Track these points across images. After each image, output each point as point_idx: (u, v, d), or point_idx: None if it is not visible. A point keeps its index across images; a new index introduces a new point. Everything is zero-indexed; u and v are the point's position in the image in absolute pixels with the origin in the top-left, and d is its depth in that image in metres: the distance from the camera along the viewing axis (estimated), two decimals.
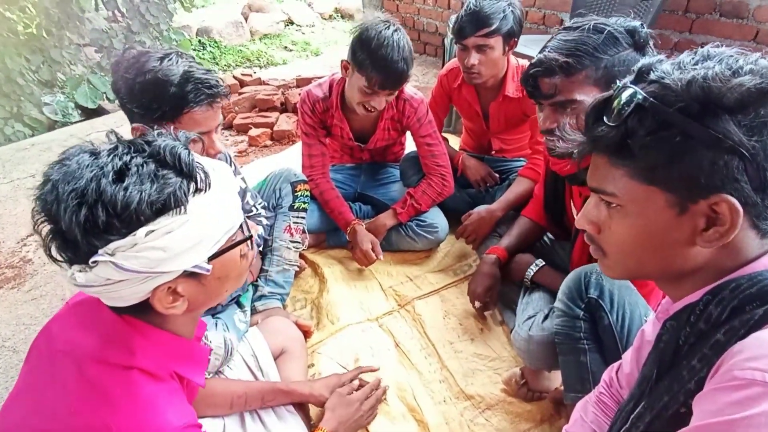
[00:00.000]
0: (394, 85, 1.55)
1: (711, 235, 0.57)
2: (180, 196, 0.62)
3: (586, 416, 0.93)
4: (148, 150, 0.63)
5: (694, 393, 0.59)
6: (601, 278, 1.12)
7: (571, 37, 1.07)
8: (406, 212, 1.82)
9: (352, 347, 1.50)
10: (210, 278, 0.69)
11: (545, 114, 1.14)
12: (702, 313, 0.60)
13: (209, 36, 5.88)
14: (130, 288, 0.63)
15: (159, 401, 0.67)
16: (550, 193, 1.48)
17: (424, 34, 4.19)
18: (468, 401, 1.37)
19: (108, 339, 0.69)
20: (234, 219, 0.70)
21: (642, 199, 0.60)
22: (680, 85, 0.54)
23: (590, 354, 1.12)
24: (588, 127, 0.64)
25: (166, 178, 0.61)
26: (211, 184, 0.66)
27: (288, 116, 3.01)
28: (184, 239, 0.62)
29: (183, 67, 1.12)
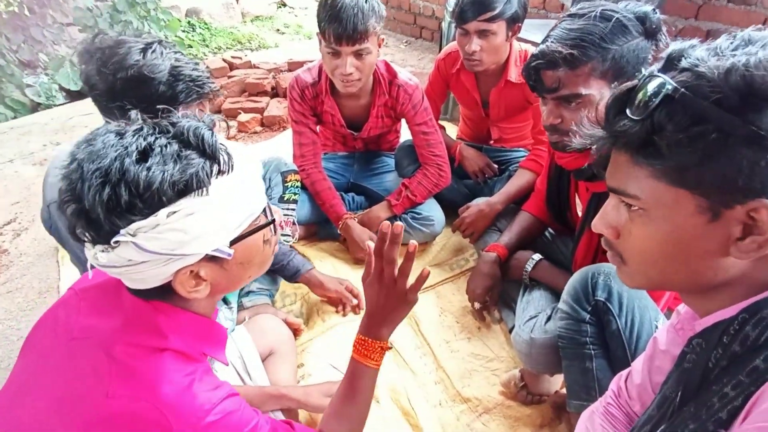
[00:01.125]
0: (349, 38, 1.44)
1: (748, 245, 0.50)
2: (202, 177, 0.61)
3: (592, 428, 0.87)
4: (173, 131, 0.63)
5: (726, 423, 0.52)
6: (610, 279, 1.05)
7: (575, 26, 1.00)
8: (401, 204, 1.75)
9: (343, 346, 1.43)
10: (232, 263, 0.68)
11: (548, 108, 1.09)
12: (737, 333, 0.53)
13: (199, 17, 5.70)
14: (152, 269, 0.62)
15: (197, 380, 0.67)
16: (554, 187, 1.41)
17: (420, 18, 4.07)
18: (465, 404, 1.31)
19: (135, 323, 0.68)
20: (257, 203, 0.69)
21: (669, 202, 0.53)
22: (717, 73, 0.47)
23: (596, 360, 1.06)
24: (608, 120, 0.56)
25: (189, 158, 0.61)
26: (234, 166, 0.65)
27: (279, 101, 2.91)
28: (205, 222, 0.62)
29: (169, 60, 1.03)
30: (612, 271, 1.07)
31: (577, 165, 1.18)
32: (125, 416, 0.63)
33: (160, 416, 0.62)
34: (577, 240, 1.28)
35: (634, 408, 0.84)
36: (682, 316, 0.72)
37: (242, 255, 0.68)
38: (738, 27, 2.38)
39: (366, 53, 1.49)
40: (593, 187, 1.20)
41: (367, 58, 1.51)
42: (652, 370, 0.80)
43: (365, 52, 1.49)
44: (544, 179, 1.48)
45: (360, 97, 1.70)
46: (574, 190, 1.36)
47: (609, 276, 1.06)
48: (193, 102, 1.06)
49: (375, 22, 1.46)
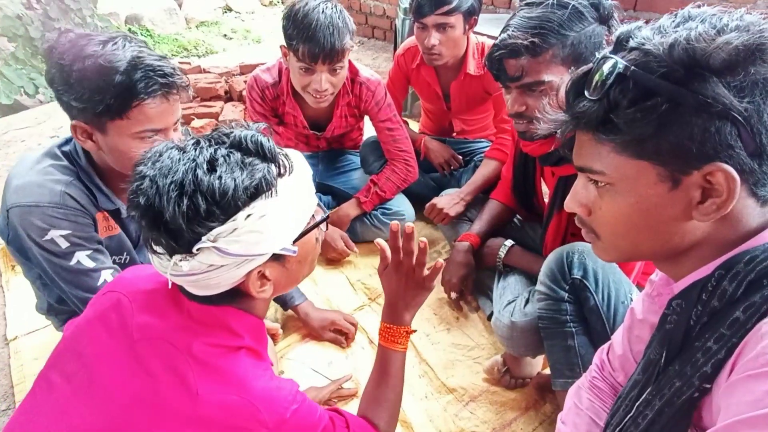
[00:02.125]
0: (326, 56, 1.42)
1: (708, 207, 0.54)
2: (270, 180, 0.64)
3: (580, 403, 0.89)
4: (228, 141, 0.65)
5: (711, 377, 0.55)
6: (584, 257, 1.08)
7: (534, 14, 1.02)
8: (370, 201, 1.73)
9: (324, 350, 1.41)
10: (293, 261, 0.72)
11: (513, 97, 1.10)
12: (715, 289, 0.56)
13: (140, 24, 5.47)
14: (228, 272, 0.65)
15: (274, 377, 0.71)
16: (520, 175, 1.43)
17: (371, 18, 4.08)
18: (450, 395, 1.31)
19: (204, 324, 0.70)
20: (312, 199, 0.73)
21: (632, 175, 0.56)
22: (662, 49, 0.50)
23: (577, 337, 1.08)
24: (569, 104, 0.60)
25: (253, 164, 0.63)
26: (293, 166, 0.68)
27: (234, 105, 2.82)
28: (276, 221, 0.65)
29: (131, 52, 0.95)
30: (586, 249, 1.09)
31: (542, 151, 1.21)
32: (218, 412, 0.65)
33: (253, 409, 0.66)
34: (546, 224, 1.30)
35: (618, 379, 0.86)
36: (657, 282, 0.74)
37: (301, 252, 0.72)
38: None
39: (340, 68, 1.48)
40: (559, 171, 1.22)
41: (341, 73, 1.50)
42: (632, 340, 0.82)
43: (339, 67, 1.47)
44: (510, 167, 1.50)
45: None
46: (540, 175, 1.39)
47: (583, 254, 1.08)
48: (157, 94, 0.97)
49: (349, 38, 1.44)
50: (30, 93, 3.65)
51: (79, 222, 1.03)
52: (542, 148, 1.19)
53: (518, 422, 1.24)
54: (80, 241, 1.03)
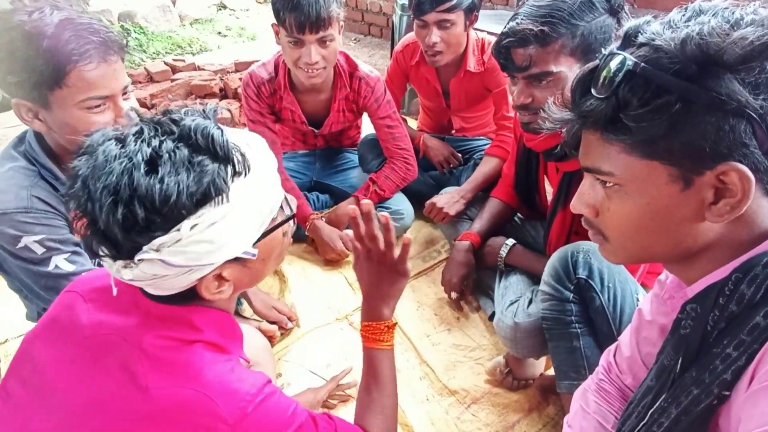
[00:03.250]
0: (312, 25, 1.38)
1: (721, 208, 0.52)
2: (220, 184, 0.57)
3: (587, 406, 0.87)
4: (177, 131, 0.58)
5: (730, 384, 0.53)
6: (589, 257, 1.06)
7: (544, 3, 1.01)
8: (369, 199, 1.70)
9: (323, 351, 1.38)
10: (255, 261, 0.66)
11: (519, 88, 1.08)
12: (733, 293, 0.54)
13: (133, 21, 5.41)
14: (176, 279, 0.60)
15: (236, 370, 0.65)
16: (522, 171, 1.41)
17: (368, 15, 4.05)
18: (452, 397, 1.29)
19: (162, 319, 0.66)
20: (276, 197, 0.66)
21: (642, 175, 0.54)
22: (674, 45, 0.48)
23: (583, 338, 1.06)
24: (575, 101, 0.57)
25: (202, 165, 0.56)
26: (250, 165, 0.61)
27: (229, 103, 2.79)
28: (229, 228, 0.59)
29: (59, 16, 0.89)
30: (591, 249, 1.07)
31: (546, 146, 1.19)
32: (171, 408, 0.61)
33: (208, 401, 0.61)
34: (549, 221, 1.28)
35: (625, 381, 0.84)
36: (668, 284, 0.72)
37: (264, 252, 0.67)
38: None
39: (330, 40, 1.44)
40: (564, 167, 1.20)
41: (331, 45, 1.45)
42: (640, 342, 0.81)
43: (329, 38, 1.43)
44: (512, 164, 1.48)
45: (320, 92, 1.64)
46: (543, 172, 1.37)
47: (588, 253, 1.06)
48: (91, 54, 0.90)
49: (336, 7, 1.41)
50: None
51: (51, 224, 0.98)
52: (546, 143, 1.17)
53: (521, 424, 1.22)
54: (55, 244, 0.98)
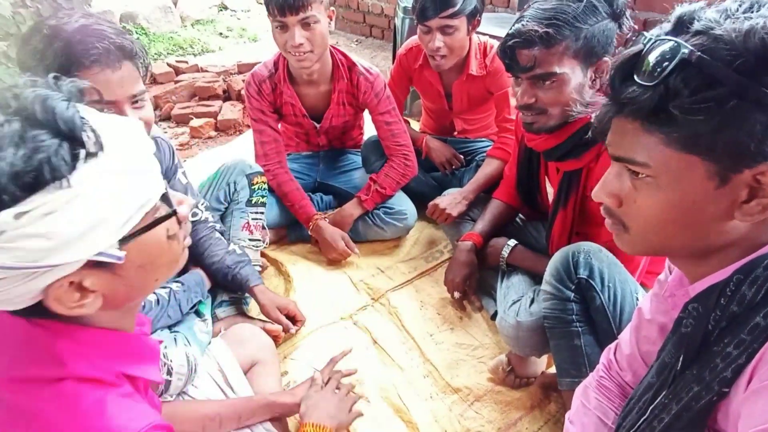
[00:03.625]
0: (291, 7, 1.41)
1: (753, 207, 0.51)
2: (57, 164, 0.46)
3: (588, 402, 0.89)
4: (14, 105, 0.48)
5: (730, 381, 0.55)
6: (590, 257, 1.08)
7: (549, 6, 1.04)
8: (371, 199, 1.73)
9: (328, 351, 1.38)
10: (128, 267, 0.55)
11: (523, 88, 1.11)
12: (734, 294, 0.55)
13: (135, 22, 5.43)
14: (12, 287, 0.49)
15: (108, 408, 0.55)
16: (524, 172, 1.44)
17: (369, 17, 4.07)
18: (455, 394, 1.31)
19: (26, 351, 0.55)
20: (151, 189, 0.56)
21: (678, 169, 0.52)
22: (735, 36, 0.46)
23: (584, 336, 1.09)
24: (614, 88, 0.55)
25: (36, 140, 0.46)
26: (105, 144, 0.50)
27: (232, 104, 2.82)
28: (75, 221, 0.48)
29: (80, 22, 0.91)
30: (592, 249, 1.10)
31: (547, 146, 1.21)
32: None
33: None
34: (551, 221, 1.31)
35: (625, 378, 0.86)
36: (670, 283, 0.73)
37: (139, 256, 0.56)
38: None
39: (313, 21, 1.46)
40: (564, 167, 1.23)
41: (316, 28, 1.48)
42: (639, 340, 0.83)
43: (312, 20, 1.46)
44: (513, 165, 1.50)
45: (320, 84, 1.67)
46: (544, 172, 1.40)
47: (589, 254, 1.09)
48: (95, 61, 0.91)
49: None
50: None
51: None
52: (547, 143, 1.20)
53: (523, 421, 1.25)
54: None
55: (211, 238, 1.42)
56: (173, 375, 1.09)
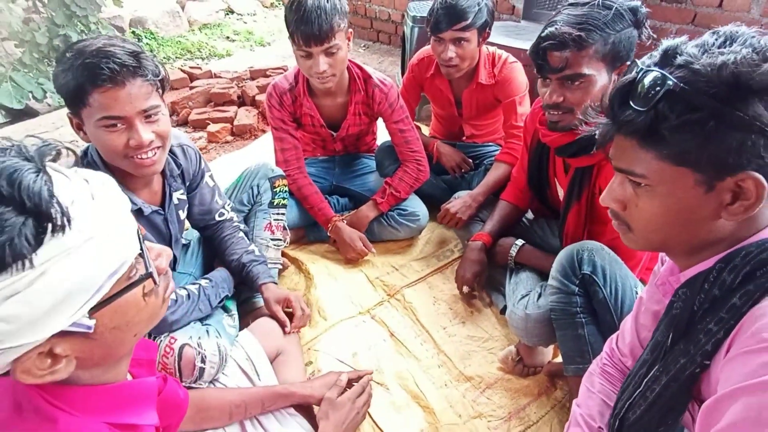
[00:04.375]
0: (317, 39, 1.48)
1: (736, 208, 0.61)
2: (19, 246, 0.44)
3: (593, 387, 0.97)
4: None
5: (710, 354, 0.64)
6: (593, 254, 1.17)
7: (580, 12, 1.10)
8: (386, 202, 1.82)
9: (348, 342, 1.50)
10: (101, 331, 0.53)
11: (552, 88, 1.17)
12: (716, 280, 0.65)
13: (144, 27, 5.54)
14: None
15: None
16: (534, 168, 1.51)
17: (376, 22, 4.16)
18: (468, 382, 1.41)
19: (23, 407, 0.54)
20: (123, 255, 0.54)
21: (672, 179, 0.62)
22: (711, 70, 0.56)
23: (587, 327, 1.17)
24: (613, 110, 0.65)
25: (1, 218, 0.44)
26: (74, 217, 0.49)
27: (247, 110, 2.90)
28: (38, 302, 0.46)
29: (102, 42, 0.98)
30: (594, 247, 1.19)
31: (561, 142, 1.28)
32: None
33: None
34: (564, 216, 1.37)
35: (627, 364, 0.95)
36: (661, 272, 0.82)
37: (114, 319, 0.54)
38: (671, 23, 2.64)
39: (336, 50, 1.53)
40: (576, 163, 1.30)
41: (338, 54, 1.55)
42: (638, 328, 0.92)
43: (335, 48, 1.53)
44: (521, 169, 1.59)
45: (337, 96, 1.76)
46: (553, 172, 1.47)
47: (592, 251, 1.17)
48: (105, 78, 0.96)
49: (339, 19, 1.50)
50: (38, 97, 3.71)
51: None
52: (562, 139, 1.26)
53: (531, 407, 1.34)
54: None
55: (233, 237, 1.51)
56: (207, 363, 1.18)
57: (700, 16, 2.55)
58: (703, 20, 2.55)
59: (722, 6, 2.48)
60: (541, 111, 1.28)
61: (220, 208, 1.50)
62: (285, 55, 4.06)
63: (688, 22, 2.60)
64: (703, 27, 2.56)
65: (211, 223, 1.50)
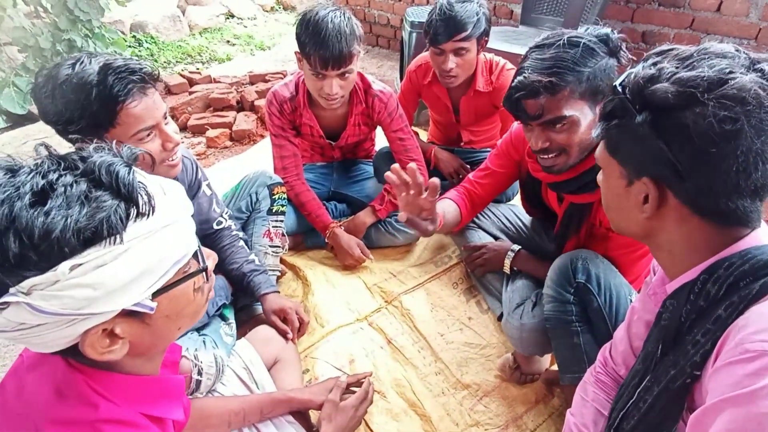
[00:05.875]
0: (335, 63, 1.47)
1: (646, 207, 0.69)
2: (115, 222, 0.52)
3: (586, 396, 0.98)
4: (82, 167, 0.54)
5: (700, 365, 0.65)
6: (588, 263, 1.18)
7: (547, 55, 1.04)
8: (384, 208, 1.83)
9: (346, 349, 1.50)
10: (156, 317, 0.60)
11: (535, 134, 1.13)
12: (701, 291, 0.66)
13: (145, 31, 5.56)
14: (51, 333, 0.53)
15: None
16: (529, 189, 1.50)
17: (375, 27, 4.17)
18: (465, 390, 1.41)
19: (65, 392, 0.59)
20: (186, 247, 0.62)
21: (608, 166, 0.74)
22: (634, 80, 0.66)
23: (583, 335, 1.18)
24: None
25: (99, 200, 0.52)
26: (156, 207, 0.57)
27: (246, 115, 2.91)
28: (120, 274, 0.53)
29: (97, 64, 1.00)
30: (589, 256, 1.19)
31: (556, 179, 1.23)
32: None
33: None
34: (560, 242, 1.35)
35: (620, 372, 0.95)
36: (653, 283, 0.84)
37: (168, 307, 0.61)
38: (669, 27, 2.64)
39: (349, 73, 1.54)
40: (575, 199, 1.26)
41: (350, 77, 1.56)
42: (631, 337, 0.92)
43: (349, 71, 1.54)
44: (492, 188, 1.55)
45: (338, 108, 1.75)
46: (545, 195, 1.44)
47: (587, 260, 1.18)
48: (134, 92, 1.01)
49: (357, 45, 1.50)
50: None
51: None
52: (558, 177, 1.21)
53: (529, 415, 1.34)
54: None
55: (233, 246, 1.52)
56: (203, 375, 1.18)
57: (698, 21, 2.56)
58: (701, 25, 2.55)
59: (720, 10, 2.48)
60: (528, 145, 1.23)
61: (218, 216, 1.50)
62: (285, 60, 4.08)
63: (686, 26, 2.60)
64: (701, 32, 2.56)
65: (209, 232, 1.51)
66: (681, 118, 0.60)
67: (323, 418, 1.15)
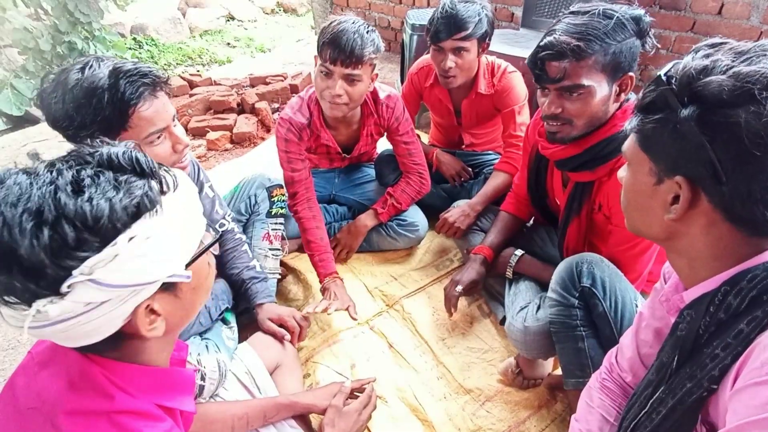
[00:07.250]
0: (344, 59, 1.44)
1: (675, 208, 0.64)
2: (153, 196, 0.57)
3: (592, 402, 0.96)
4: (94, 160, 0.57)
5: (717, 379, 0.63)
6: (593, 267, 1.17)
7: (580, 21, 1.06)
8: (386, 212, 1.82)
9: (347, 353, 1.49)
10: (186, 289, 0.65)
11: (550, 98, 1.14)
12: (721, 303, 0.63)
13: (145, 33, 5.57)
14: (111, 311, 0.56)
15: None
16: (533, 179, 1.50)
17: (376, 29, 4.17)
18: (467, 395, 1.40)
19: (79, 385, 0.61)
20: (201, 221, 0.67)
21: (637, 161, 0.69)
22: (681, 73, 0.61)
23: (587, 340, 1.16)
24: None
25: (129, 182, 0.56)
26: (178, 183, 0.63)
27: (247, 117, 2.91)
28: (163, 244, 0.58)
29: (107, 68, 1.00)
30: (594, 260, 1.18)
31: (563, 155, 1.25)
32: None
33: None
34: (563, 229, 1.36)
35: (626, 379, 0.94)
36: (666, 289, 0.81)
37: (195, 279, 0.65)
38: (670, 30, 2.64)
39: (357, 80, 1.49)
40: (577, 177, 1.28)
41: (357, 86, 1.51)
42: (639, 344, 0.91)
43: (357, 78, 1.49)
44: (522, 180, 1.58)
45: (351, 123, 1.74)
46: (550, 184, 1.46)
47: (592, 264, 1.17)
48: (148, 95, 1.01)
49: (371, 53, 1.48)
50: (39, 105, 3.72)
51: None
52: (564, 152, 1.24)
53: (531, 420, 1.33)
54: None
55: (235, 251, 1.50)
56: (206, 380, 1.17)
57: (699, 24, 2.55)
58: (703, 28, 2.55)
59: (722, 13, 2.48)
60: (541, 122, 1.26)
61: (221, 218, 1.49)
62: (285, 62, 4.07)
63: (687, 29, 2.60)
64: (702, 35, 2.55)
65: None
66: (732, 115, 0.55)
67: (326, 423, 1.14)
